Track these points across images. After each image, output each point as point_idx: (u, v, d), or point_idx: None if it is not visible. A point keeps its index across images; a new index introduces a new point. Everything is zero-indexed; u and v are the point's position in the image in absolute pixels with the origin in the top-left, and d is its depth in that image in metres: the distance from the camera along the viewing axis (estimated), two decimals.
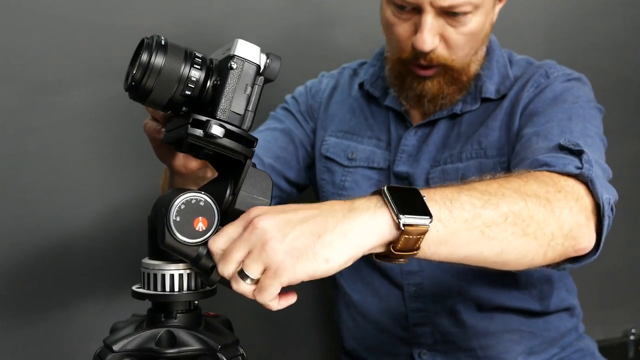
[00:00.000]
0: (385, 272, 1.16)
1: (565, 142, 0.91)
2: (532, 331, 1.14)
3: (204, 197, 0.68)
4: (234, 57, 0.70)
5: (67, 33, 1.29)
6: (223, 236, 0.67)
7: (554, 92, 1.07)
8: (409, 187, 0.70)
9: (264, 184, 0.73)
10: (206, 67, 0.72)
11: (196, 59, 0.71)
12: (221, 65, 0.72)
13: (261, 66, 0.72)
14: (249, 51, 0.71)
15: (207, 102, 0.71)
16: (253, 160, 0.72)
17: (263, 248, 0.64)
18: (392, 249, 0.67)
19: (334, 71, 1.32)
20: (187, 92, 0.71)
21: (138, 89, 0.70)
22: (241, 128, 0.70)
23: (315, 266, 0.64)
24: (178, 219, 0.67)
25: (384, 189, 0.68)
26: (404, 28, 1.06)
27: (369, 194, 0.70)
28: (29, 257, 1.30)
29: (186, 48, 0.71)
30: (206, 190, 0.69)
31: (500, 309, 1.12)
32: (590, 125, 1.00)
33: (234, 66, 0.70)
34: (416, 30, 1.04)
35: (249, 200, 0.71)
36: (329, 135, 1.23)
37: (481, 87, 1.13)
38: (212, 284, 0.71)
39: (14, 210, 1.28)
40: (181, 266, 0.72)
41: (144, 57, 0.69)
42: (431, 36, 1.03)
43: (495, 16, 1.12)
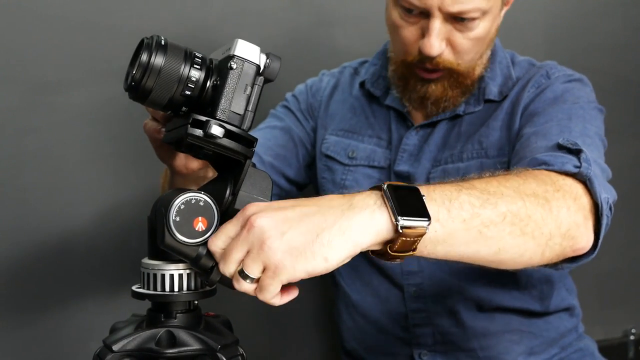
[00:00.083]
0: (385, 272, 1.16)
1: (564, 142, 0.91)
2: (532, 331, 1.14)
3: (203, 197, 0.68)
4: (233, 57, 0.70)
5: (67, 33, 1.29)
6: (221, 235, 0.67)
7: (554, 93, 1.07)
8: (409, 185, 0.70)
9: (264, 184, 0.72)
10: (206, 67, 0.71)
11: (196, 59, 0.71)
12: (221, 65, 0.72)
13: (261, 66, 0.72)
14: (248, 51, 0.71)
15: (207, 102, 0.71)
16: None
17: (261, 247, 0.64)
18: (389, 250, 0.67)
19: (335, 69, 1.31)
20: (187, 92, 0.70)
21: (138, 89, 0.70)
22: (241, 128, 0.70)
23: (314, 265, 0.64)
24: (178, 219, 0.67)
25: (385, 187, 0.68)
26: (410, 31, 1.06)
27: (368, 188, 0.70)
28: (29, 257, 1.30)
29: (186, 48, 0.71)
30: (206, 190, 0.69)
31: (500, 309, 1.12)
32: (590, 126, 1.00)
33: (234, 66, 0.70)
34: (423, 34, 1.04)
35: (248, 200, 0.71)
36: (330, 133, 1.23)
37: (484, 89, 1.13)
38: (212, 284, 0.71)
39: (14, 210, 1.28)
40: (181, 266, 0.72)
41: (144, 57, 0.69)
42: (439, 41, 1.03)
43: (501, 19, 1.11)
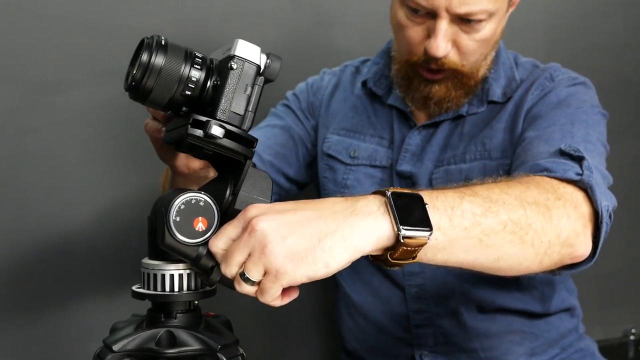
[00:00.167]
0: (386, 272, 1.16)
1: (566, 148, 0.90)
2: (533, 332, 1.14)
3: (203, 197, 0.68)
4: (234, 57, 0.70)
5: (67, 33, 1.29)
6: (222, 236, 0.67)
7: (558, 97, 1.07)
8: (412, 192, 0.70)
9: (264, 184, 0.72)
10: (206, 67, 0.71)
11: (196, 59, 0.71)
12: (221, 65, 0.72)
13: (261, 66, 0.72)
14: (249, 51, 0.71)
15: (207, 102, 0.71)
16: None
17: (263, 252, 0.64)
18: (389, 257, 0.68)
19: (336, 68, 1.31)
20: (187, 92, 0.70)
21: (138, 89, 0.70)
22: (241, 128, 0.70)
23: (315, 270, 0.64)
24: (178, 219, 0.67)
25: (389, 194, 0.67)
26: (416, 31, 1.05)
27: (371, 193, 0.70)
28: (29, 257, 1.30)
29: (186, 48, 0.71)
30: (206, 190, 0.69)
31: (501, 310, 1.12)
32: (592, 131, 0.99)
33: (234, 66, 0.70)
34: (429, 35, 1.03)
35: (248, 201, 0.71)
36: (331, 133, 1.22)
37: (488, 90, 1.12)
38: (212, 284, 0.71)
39: (14, 210, 1.28)
40: (181, 266, 0.72)
41: (144, 57, 0.69)
42: (445, 42, 1.02)
43: (506, 21, 1.10)
